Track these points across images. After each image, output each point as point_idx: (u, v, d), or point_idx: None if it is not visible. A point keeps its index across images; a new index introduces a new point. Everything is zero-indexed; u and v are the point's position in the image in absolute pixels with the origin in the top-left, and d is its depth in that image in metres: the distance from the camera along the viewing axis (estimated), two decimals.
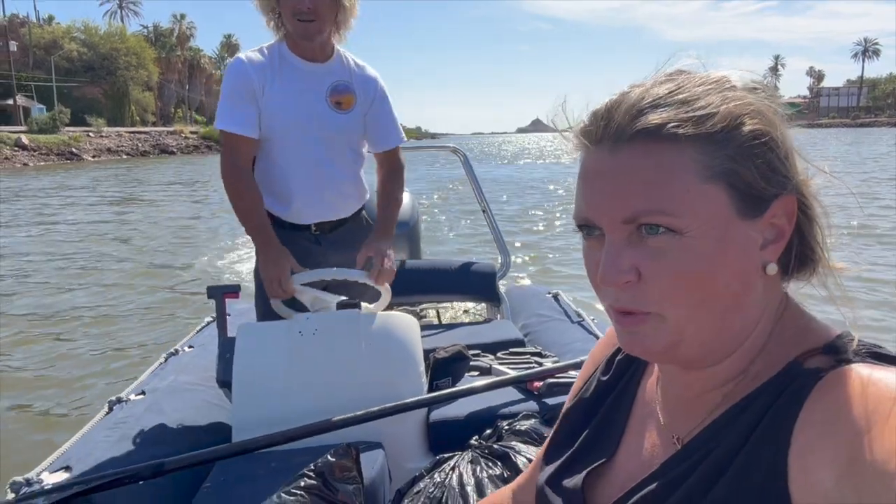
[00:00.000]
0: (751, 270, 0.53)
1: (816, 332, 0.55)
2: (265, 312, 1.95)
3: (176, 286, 6.82)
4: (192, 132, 56.22)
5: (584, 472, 0.66)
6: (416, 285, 2.91)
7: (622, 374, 0.72)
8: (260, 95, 1.88)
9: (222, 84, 1.92)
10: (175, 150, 47.77)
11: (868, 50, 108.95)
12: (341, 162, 2.00)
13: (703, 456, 0.54)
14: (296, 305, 1.89)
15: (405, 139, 2.14)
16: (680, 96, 0.53)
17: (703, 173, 0.51)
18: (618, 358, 0.73)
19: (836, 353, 0.51)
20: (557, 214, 11.43)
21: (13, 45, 50.92)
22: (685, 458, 0.56)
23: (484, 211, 3.38)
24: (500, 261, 3.34)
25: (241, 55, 1.92)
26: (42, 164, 33.49)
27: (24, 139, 35.43)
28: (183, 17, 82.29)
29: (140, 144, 45.52)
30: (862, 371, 0.48)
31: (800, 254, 0.57)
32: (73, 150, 37.90)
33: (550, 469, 0.72)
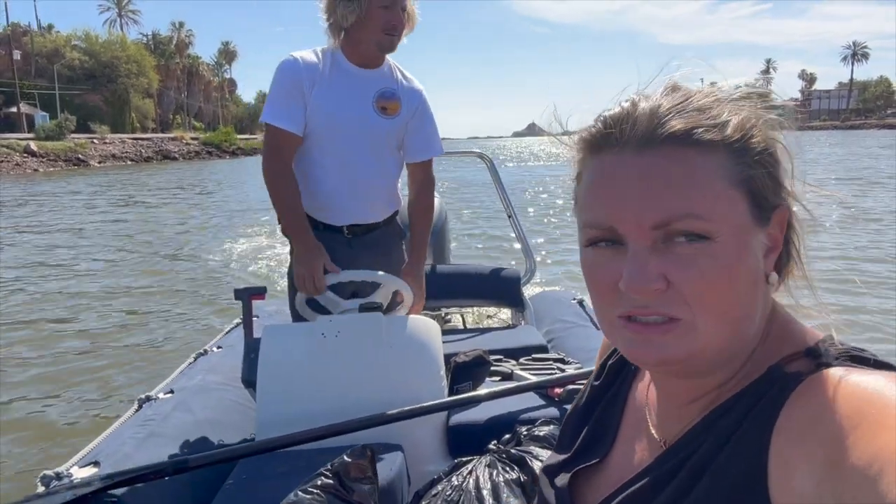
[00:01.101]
0: (760, 279, 0.53)
1: (799, 336, 0.55)
2: (298, 313, 1.97)
3: (207, 286, 6.85)
4: (192, 138, 56.26)
5: (571, 472, 0.67)
6: (441, 290, 2.88)
7: (613, 379, 0.72)
8: (308, 94, 1.88)
9: (272, 80, 1.92)
10: (177, 155, 47.85)
11: (857, 53, 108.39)
12: (379, 166, 2.00)
13: (686, 457, 0.54)
14: (321, 309, 1.91)
15: (443, 151, 2.15)
16: (694, 105, 0.53)
17: (728, 179, 0.51)
18: (609, 363, 0.73)
19: (817, 356, 0.51)
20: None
21: (16, 54, 51.07)
22: (669, 460, 0.56)
23: (510, 216, 3.38)
24: (525, 266, 3.35)
25: (295, 53, 1.91)
26: (51, 169, 33.75)
27: (33, 146, 35.72)
28: (182, 25, 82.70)
29: (143, 151, 45.60)
30: (840, 374, 0.48)
31: (784, 263, 0.58)
32: (80, 156, 38.12)
33: (548, 462, 0.73)
